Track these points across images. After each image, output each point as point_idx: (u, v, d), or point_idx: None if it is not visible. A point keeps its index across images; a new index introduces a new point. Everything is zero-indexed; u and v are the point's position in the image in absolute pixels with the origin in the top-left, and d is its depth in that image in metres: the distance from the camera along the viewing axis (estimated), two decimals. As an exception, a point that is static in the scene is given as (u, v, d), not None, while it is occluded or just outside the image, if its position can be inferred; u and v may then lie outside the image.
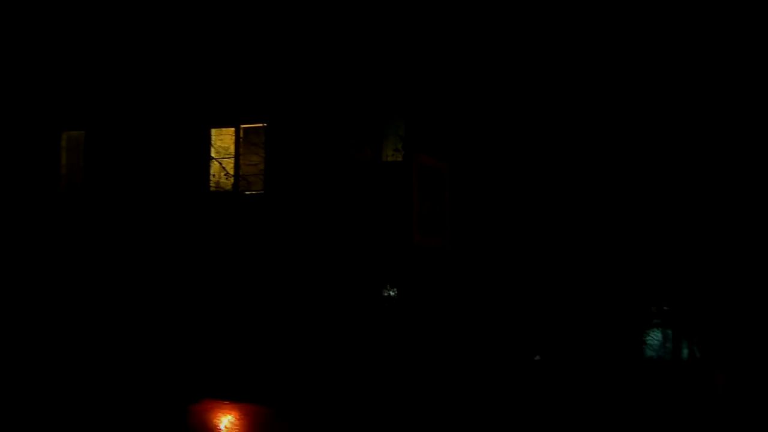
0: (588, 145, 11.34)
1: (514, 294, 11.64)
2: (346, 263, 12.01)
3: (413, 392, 10.77)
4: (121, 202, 13.27)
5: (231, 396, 11.08)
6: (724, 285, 10.89)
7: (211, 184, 13.15)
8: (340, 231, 11.97)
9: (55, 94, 14.18)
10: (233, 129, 13.05)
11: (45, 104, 14.23)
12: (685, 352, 11.95)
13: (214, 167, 13.15)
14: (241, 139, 12.99)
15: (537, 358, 11.86)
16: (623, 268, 11.41)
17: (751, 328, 10.80)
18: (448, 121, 11.92)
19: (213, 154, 13.19)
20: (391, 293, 12.33)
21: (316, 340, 11.75)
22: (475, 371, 11.27)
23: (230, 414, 10.49)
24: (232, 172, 12.97)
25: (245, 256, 12.45)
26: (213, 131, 13.13)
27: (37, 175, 14.05)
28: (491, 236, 11.73)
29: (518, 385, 11.13)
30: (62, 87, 14.12)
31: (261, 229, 12.46)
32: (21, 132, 14.24)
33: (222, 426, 10.21)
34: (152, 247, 13.02)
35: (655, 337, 12.28)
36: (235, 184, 13.02)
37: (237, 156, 12.96)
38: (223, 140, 13.25)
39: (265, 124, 12.88)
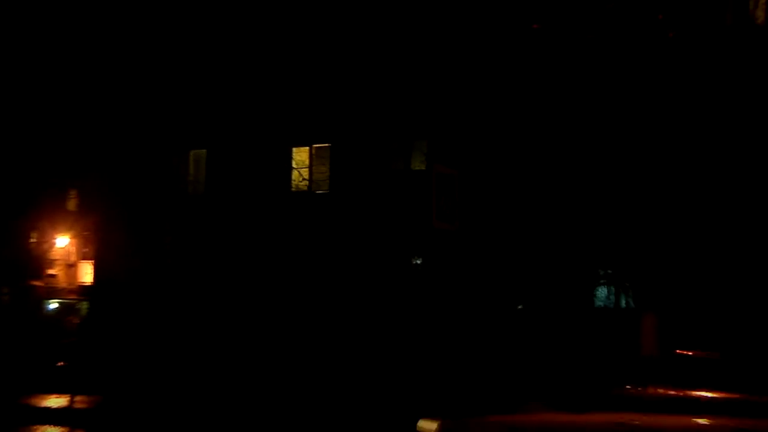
0: (554, 163, 16.23)
1: (505, 261, 16.70)
2: (387, 240, 17.42)
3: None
4: (235, 201, 19.23)
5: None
6: (649, 257, 15.53)
7: (292, 187, 18.96)
8: (384, 218, 17.37)
9: (186, 122, 20.32)
10: (308, 147, 18.83)
11: (179, 130, 20.40)
12: (623, 302, 17.05)
13: (294, 175, 19.09)
14: (313, 155, 18.77)
15: (520, 307, 17.14)
16: (582, 245, 16.24)
17: (667, 286, 15.57)
18: (457, 142, 17.15)
19: (294, 165, 19.11)
20: (418, 261, 17.84)
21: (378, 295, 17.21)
22: (479, 316, 16.36)
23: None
24: (307, 177, 18.82)
25: (314, 241, 18.17)
26: (294, 149, 18.97)
27: (172, 183, 20.22)
28: (489, 221, 16.77)
29: (506, 325, 16.21)
30: (191, 118, 20.22)
31: (328, 218, 18.12)
32: (162, 151, 20.45)
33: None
34: (258, 235, 18.85)
35: (602, 291, 17.42)
36: (309, 186, 18.80)
37: (310, 166, 18.82)
38: (300, 155, 19.07)
39: (330, 144, 18.60)
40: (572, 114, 15.98)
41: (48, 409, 14.05)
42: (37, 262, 25.12)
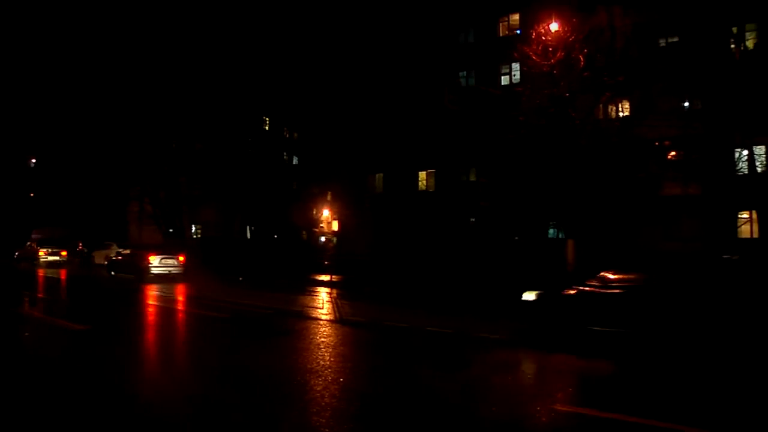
0: (531, 173, 34.44)
1: (509, 218, 36.43)
2: (460, 211, 38.28)
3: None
4: (396, 196, 41.02)
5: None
6: (571, 213, 31.17)
7: (418, 188, 40.46)
8: (458, 203, 38.04)
9: (372, 158, 42.39)
10: (425, 171, 40.23)
11: (370, 162, 42.51)
12: (560, 234, 34.15)
13: (420, 184, 40.50)
14: (427, 174, 40.10)
15: (516, 238, 37.13)
16: (543, 208, 33.62)
17: (579, 227, 27.31)
18: (491, 168, 37.01)
19: (419, 179, 40.67)
20: (473, 220, 38.62)
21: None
22: (504, 243, 36.63)
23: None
24: (425, 184, 40.33)
25: (428, 213, 39.51)
26: (419, 172, 40.41)
27: (367, 188, 42.78)
28: (502, 200, 36.16)
29: (511, 247, 36.34)
30: (375, 155, 42.09)
31: (434, 204, 39.30)
32: (362, 172, 42.87)
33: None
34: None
35: (551, 230, 35.66)
36: (426, 188, 40.36)
37: (426, 179, 40.23)
38: (422, 175, 40.38)
39: (435, 170, 39.76)
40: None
41: (320, 280, 26.67)
42: (315, 221, 50.48)
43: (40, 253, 42.99)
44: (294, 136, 59.90)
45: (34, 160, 77.51)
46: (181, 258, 28.78)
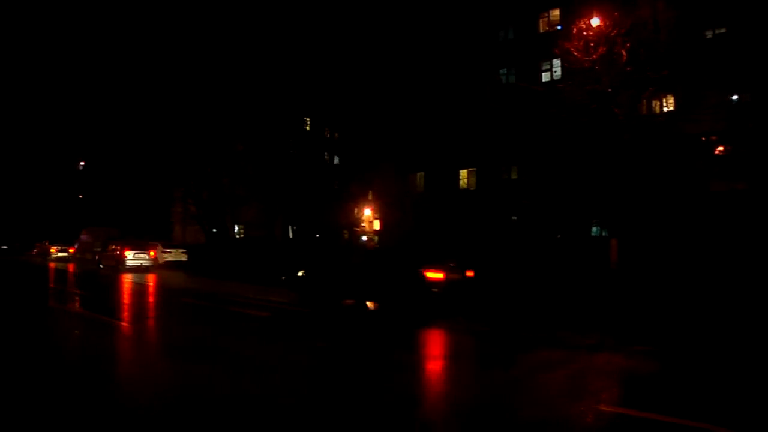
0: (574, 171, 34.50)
1: (551, 216, 36.05)
2: (501, 208, 38.10)
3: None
4: (438, 196, 41.01)
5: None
6: (615, 212, 31.80)
7: (459, 187, 40.39)
8: (499, 199, 38.01)
9: (415, 158, 42.41)
10: (466, 170, 40.15)
11: (414, 162, 42.59)
12: (603, 233, 34.02)
13: (461, 183, 40.45)
14: (468, 173, 40.05)
15: (559, 236, 36.69)
16: (586, 208, 33.97)
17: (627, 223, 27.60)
18: (535, 165, 36.75)
19: (459, 177, 40.59)
20: (514, 218, 38.33)
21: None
22: (548, 239, 36.41)
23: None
24: (466, 183, 40.20)
25: (479, 207, 39.41)
26: (460, 171, 40.36)
27: (408, 187, 42.83)
28: (545, 200, 36.07)
29: (554, 244, 35.96)
30: (420, 156, 42.17)
31: (477, 202, 39.16)
32: (405, 171, 43.01)
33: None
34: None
35: (594, 229, 35.31)
36: (467, 187, 40.19)
37: (468, 178, 40.10)
38: (463, 173, 40.37)
39: (476, 168, 39.67)
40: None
41: None
42: (357, 220, 50.73)
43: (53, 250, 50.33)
44: (335, 136, 60.20)
45: (83, 163, 79.46)
46: (152, 253, 36.07)
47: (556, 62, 34.33)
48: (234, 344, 10.39)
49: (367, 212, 50.43)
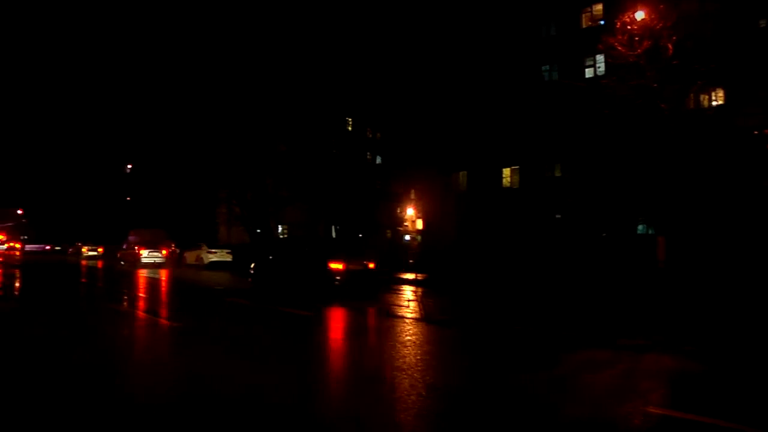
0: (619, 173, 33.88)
1: (597, 215, 35.41)
2: (543, 205, 37.63)
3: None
4: (482, 193, 40.75)
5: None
6: (661, 210, 30.58)
7: (502, 185, 40.11)
8: (543, 197, 37.64)
9: (451, 153, 42.20)
10: (509, 168, 39.80)
11: (448, 158, 42.37)
12: (650, 231, 33.25)
13: (504, 181, 40.15)
14: (511, 171, 39.72)
15: (604, 234, 36.12)
16: (632, 207, 33.52)
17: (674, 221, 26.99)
18: (580, 162, 36.28)
19: (503, 175, 40.27)
20: (558, 216, 37.80)
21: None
22: (593, 237, 35.88)
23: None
24: (509, 181, 39.89)
25: (510, 207, 39.01)
26: (503, 169, 40.04)
27: (452, 185, 42.66)
28: (589, 199, 35.65)
29: (600, 242, 35.31)
30: (464, 157, 41.97)
31: (517, 199, 38.89)
32: (448, 170, 42.80)
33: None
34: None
35: (641, 227, 34.55)
36: (510, 185, 39.89)
37: (511, 176, 39.79)
38: (506, 171, 40.06)
39: (519, 166, 39.30)
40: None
41: (405, 279, 26.79)
42: (400, 219, 50.67)
43: (141, 252, 48.57)
44: (377, 136, 60.33)
45: (130, 166, 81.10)
46: (164, 251, 41.77)
47: (600, 58, 33.77)
48: (273, 341, 10.44)
49: (410, 211, 50.34)
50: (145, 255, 41.24)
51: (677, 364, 8.71)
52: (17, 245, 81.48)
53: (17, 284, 25.52)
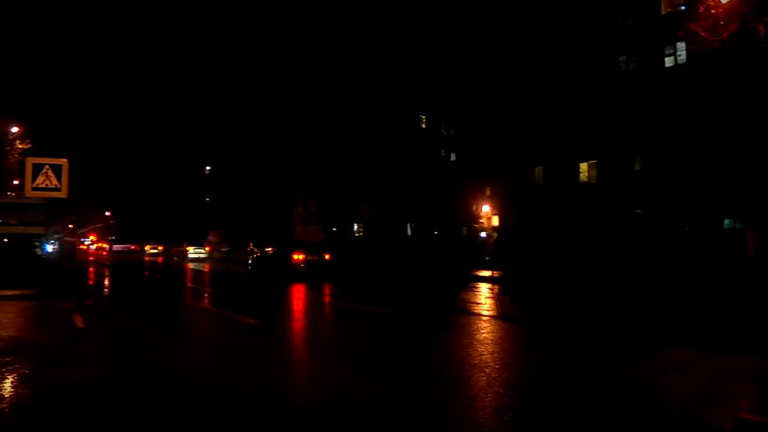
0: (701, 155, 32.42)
1: (678, 210, 34.22)
2: (620, 199, 36.45)
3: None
4: (554, 187, 39.92)
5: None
6: (749, 203, 30.18)
7: (579, 179, 39.19)
8: (621, 192, 36.44)
9: (527, 149, 41.49)
10: (586, 162, 38.85)
11: (524, 153, 41.71)
12: (737, 225, 31.51)
13: (581, 175, 39.21)
14: (588, 165, 38.75)
15: (687, 229, 34.83)
16: (718, 198, 32.01)
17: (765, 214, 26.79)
18: (662, 155, 35.12)
19: (580, 170, 39.33)
20: (638, 211, 36.56)
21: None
22: (675, 232, 34.64)
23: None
24: (587, 175, 38.92)
25: (587, 201, 37.94)
26: (580, 163, 39.11)
27: (525, 181, 41.98)
28: (670, 192, 34.36)
29: (683, 236, 34.08)
30: (530, 145, 41.29)
31: (595, 194, 37.84)
32: (521, 166, 42.19)
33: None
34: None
35: (727, 221, 32.61)
36: (587, 179, 38.91)
37: (588, 171, 38.78)
38: (583, 166, 39.10)
39: (596, 161, 38.29)
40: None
41: (481, 276, 26.54)
42: (475, 216, 50.16)
43: (188, 249, 57.96)
44: (451, 133, 60.03)
45: (208, 168, 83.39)
46: (207, 248, 53.10)
47: (681, 45, 32.39)
48: (357, 338, 10.49)
49: (486, 208, 49.66)
50: (191, 251, 52.74)
51: (765, 368, 8.29)
52: (105, 245, 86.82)
53: (106, 282, 26.60)
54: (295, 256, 26.98)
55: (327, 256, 28.54)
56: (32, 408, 6.02)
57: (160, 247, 71.27)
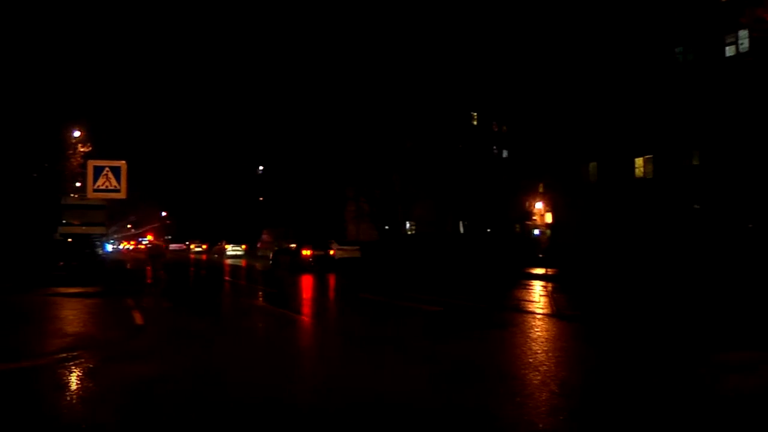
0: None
1: (741, 208, 33.29)
2: (683, 194, 35.57)
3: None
4: (608, 183, 39.21)
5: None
6: None
7: (635, 175, 38.30)
8: (679, 187, 35.54)
9: (580, 144, 40.81)
10: (642, 157, 37.97)
11: (577, 149, 41.03)
12: None
13: (637, 171, 38.31)
14: (643, 160, 37.83)
15: (750, 225, 33.73)
16: None
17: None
18: (718, 151, 34.15)
19: (635, 166, 38.40)
20: (696, 207, 35.62)
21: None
22: (740, 227, 33.59)
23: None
24: (642, 171, 38.05)
25: (644, 197, 37.10)
26: (635, 159, 38.23)
27: (572, 186, 41.21)
28: (738, 196, 33.23)
29: (746, 231, 32.98)
30: (584, 140, 40.60)
31: (650, 189, 36.96)
32: (569, 163, 41.44)
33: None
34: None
35: None
36: (643, 174, 38.03)
37: (643, 166, 37.91)
38: (638, 162, 38.23)
39: (651, 156, 37.38)
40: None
41: (534, 274, 26.68)
42: (528, 213, 49.71)
43: (226, 247, 64.21)
44: (503, 129, 59.58)
45: (261, 168, 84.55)
46: (243, 246, 60.25)
47: (743, 33, 31.51)
48: (409, 337, 10.50)
49: (539, 205, 49.20)
50: (229, 249, 60.19)
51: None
52: (162, 245, 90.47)
53: (161, 279, 27.25)
54: (304, 252, 33.18)
55: (331, 252, 35.43)
56: (97, 400, 6.24)
57: (204, 246, 78.12)
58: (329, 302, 17.41)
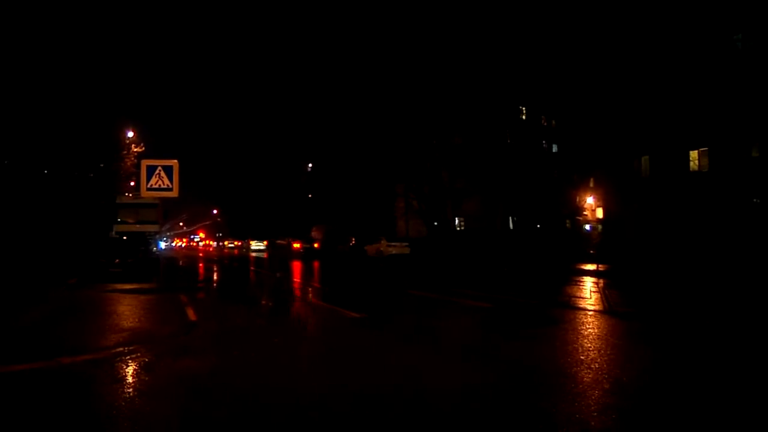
0: None
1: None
2: (739, 188, 34.48)
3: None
4: (665, 177, 38.24)
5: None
6: None
7: (690, 168, 37.27)
8: (738, 181, 34.44)
9: (632, 137, 39.95)
10: (696, 150, 36.93)
11: (628, 142, 40.21)
12: None
13: (691, 164, 37.24)
14: (698, 153, 36.81)
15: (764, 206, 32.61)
16: None
17: None
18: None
19: (690, 158, 37.39)
20: (756, 200, 34.57)
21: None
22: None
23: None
24: (697, 164, 37.03)
25: (699, 190, 36.16)
26: (690, 151, 37.19)
27: (623, 180, 40.29)
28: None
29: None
30: (635, 133, 39.75)
31: (707, 183, 35.94)
32: (620, 157, 40.61)
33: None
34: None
35: None
36: (698, 167, 36.99)
37: (698, 159, 36.85)
38: (693, 154, 37.17)
39: (707, 148, 36.32)
40: None
41: (586, 270, 26.70)
42: (579, 208, 49.02)
43: (251, 243, 74.36)
44: (552, 123, 58.84)
45: (311, 165, 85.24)
46: (265, 242, 69.22)
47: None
48: (460, 333, 10.48)
49: (590, 200, 48.46)
50: (253, 245, 70.89)
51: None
52: (212, 242, 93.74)
53: (215, 276, 27.76)
54: (295, 245, 52.79)
55: (316, 245, 52.09)
56: (154, 394, 6.41)
57: (237, 242, 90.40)
58: (380, 299, 17.44)
